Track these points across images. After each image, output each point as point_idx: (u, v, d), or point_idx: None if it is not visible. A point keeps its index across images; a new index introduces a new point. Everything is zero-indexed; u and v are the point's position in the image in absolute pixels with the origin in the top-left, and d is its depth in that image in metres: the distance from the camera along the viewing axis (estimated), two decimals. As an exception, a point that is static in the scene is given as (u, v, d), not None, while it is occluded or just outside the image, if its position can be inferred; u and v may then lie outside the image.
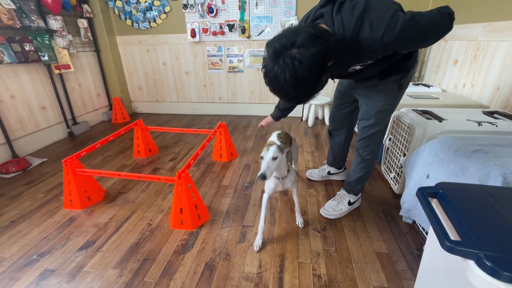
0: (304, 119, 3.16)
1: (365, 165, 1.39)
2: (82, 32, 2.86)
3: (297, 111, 3.30)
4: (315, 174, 1.84)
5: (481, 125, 1.39)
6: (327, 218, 1.47)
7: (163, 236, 1.36)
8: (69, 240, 1.35)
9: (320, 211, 1.50)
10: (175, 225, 1.41)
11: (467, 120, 1.44)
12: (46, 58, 2.40)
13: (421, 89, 2.31)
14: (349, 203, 1.49)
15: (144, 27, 3.15)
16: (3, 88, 2.17)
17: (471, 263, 0.52)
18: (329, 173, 1.81)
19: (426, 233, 1.28)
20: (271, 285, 1.09)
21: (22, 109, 2.33)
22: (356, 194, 1.52)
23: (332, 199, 1.55)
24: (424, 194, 0.70)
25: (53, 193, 1.76)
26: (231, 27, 2.97)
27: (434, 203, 0.72)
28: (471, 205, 0.66)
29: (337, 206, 1.49)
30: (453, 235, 0.60)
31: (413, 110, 1.61)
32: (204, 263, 1.19)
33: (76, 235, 1.38)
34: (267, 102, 3.33)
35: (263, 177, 1.05)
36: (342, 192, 1.54)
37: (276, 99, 2.87)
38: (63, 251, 1.28)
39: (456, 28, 2.19)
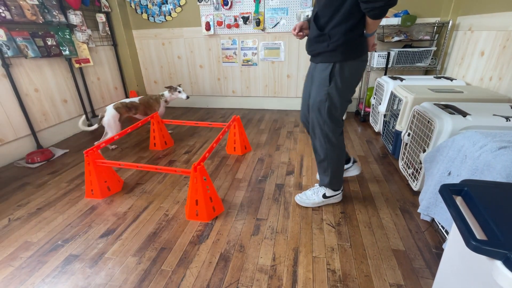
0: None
1: (320, 160, 1.41)
2: (101, 26, 2.92)
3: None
4: None
5: (509, 120, 1.31)
6: (301, 205, 1.52)
7: (179, 227, 1.40)
8: (91, 228, 1.41)
9: (295, 198, 1.55)
10: (190, 216, 1.44)
11: (494, 115, 1.37)
12: (67, 52, 2.48)
13: (443, 82, 2.21)
14: (324, 196, 1.48)
15: (160, 20, 3.18)
16: (28, 81, 2.26)
17: (499, 264, 0.50)
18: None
19: (446, 231, 1.24)
20: (285, 278, 1.10)
21: (45, 102, 2.43)
22: (332, 189, 1.47)
23: (310, 188, 1.56)
24: (447, 191, 0.68)
25: (75, 183, 1.84)
26: (245, 19, 2.95)
27: (458, 200, 0.69)
28: (498, 203, 0.63)
29: (311, 196, 1.50)
30: (478, 234, 0.58)
31: (434, 104, 1.55)
32: (219, 254, 1.22)
33: (97, 223, 1.44)
34: (281, 96, 3.30)
35: None
36: (317, 184, 1.56)
37: (289, 93, 2.88)
38: (85, 237, 1.34)
39: (484, 17, 2.07)
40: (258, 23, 2.92)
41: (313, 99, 1.27)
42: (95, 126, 2.15)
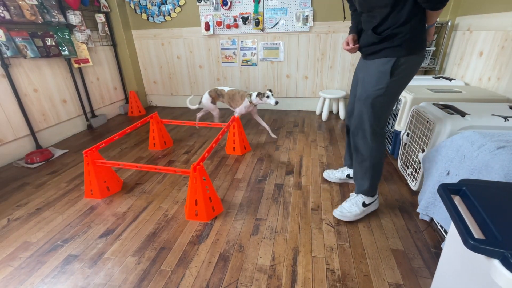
0: (318, 113, 3.11)
1: (361, 160, 1.33)
2: (100, 26, 2.92)
3: (313, 106, 3.26)
4: (333, 175, 1.73)
5: (508, 120, 1.32)
6: (341, 219, 1.40)
7: (178, 227, 1.40)
8: (90, 228, 1.41)
9: (333, 213, 1.42)
10: (190, 216, 1.45)
11: (492, 115, 1.38)
12: (66, 52, 2.47)
13: (442, 83, 2.22)
14: (364, 205, 1.39)
15: (159, 20, 3.18)
16: (27, 82, 2.26)
17: (496, 263, 0.50)
18: (348, 176, 1.68)
19: (445, 231, 1.25)
20: (284, 278, 1.10)
21: (44, 102, 2.43)
22: (369, 195, 1.39)
23: (346, 200, 1.45)
24: (446, 190, 0.68)
25: (75, 183, 1.84)
26: (245, 19, 2.95)
27: (457, 200, 0.69)
28: (496, 203, 0.64)
29: (351, 207, 1.40)
30: (476, 233, 0.58)
31: (433, 104, 1.55)
32: (219, 254, 1.22)
33: (96, 223, 1.44)
34: (280, 96, 3.30)
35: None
36: (353, 193, 1.46)
37: (289, 93, 2.89)
38: (85, 238, 1.34)
39: (483, 18, 2.08)
40: (257, 23, 2.92)
41: (367, 94, 1.21)
42: (196, 106, 2.59)
